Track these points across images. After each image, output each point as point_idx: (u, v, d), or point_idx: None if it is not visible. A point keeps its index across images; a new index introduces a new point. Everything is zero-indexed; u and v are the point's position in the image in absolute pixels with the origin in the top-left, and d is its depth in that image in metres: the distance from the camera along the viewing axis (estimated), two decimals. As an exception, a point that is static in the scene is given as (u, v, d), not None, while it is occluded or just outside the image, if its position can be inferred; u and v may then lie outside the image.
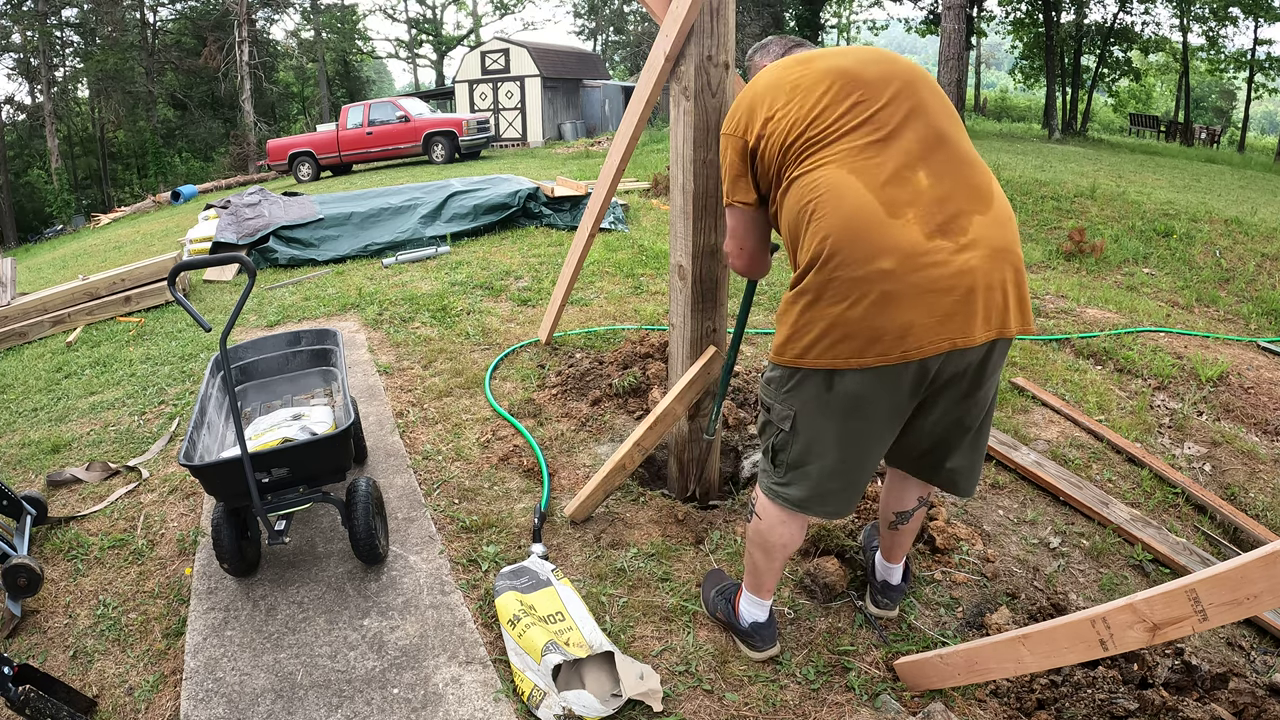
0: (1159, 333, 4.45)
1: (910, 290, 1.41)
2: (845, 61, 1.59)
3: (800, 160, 1.54)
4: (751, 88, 1.67)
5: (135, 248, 9.61)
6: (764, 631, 1.96)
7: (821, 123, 1.52)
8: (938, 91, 1.61)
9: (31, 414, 3.90)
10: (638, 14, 41.22)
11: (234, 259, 2.09)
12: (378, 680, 1.93)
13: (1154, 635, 1.31)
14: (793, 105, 1.56)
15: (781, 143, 1.56)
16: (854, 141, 1.49)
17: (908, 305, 1.42)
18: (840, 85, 1.54)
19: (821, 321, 1.49)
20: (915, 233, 1.42)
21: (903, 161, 1.46)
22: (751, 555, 1.89)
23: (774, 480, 1.75)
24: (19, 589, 2.25)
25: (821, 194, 1.47)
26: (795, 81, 1.59)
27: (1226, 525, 2.72)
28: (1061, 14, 23.87)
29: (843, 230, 1.44)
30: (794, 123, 1.55)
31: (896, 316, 1.42)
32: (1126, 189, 9.35)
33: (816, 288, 1.49)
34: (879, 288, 1.42)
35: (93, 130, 30.93)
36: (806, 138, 1.53)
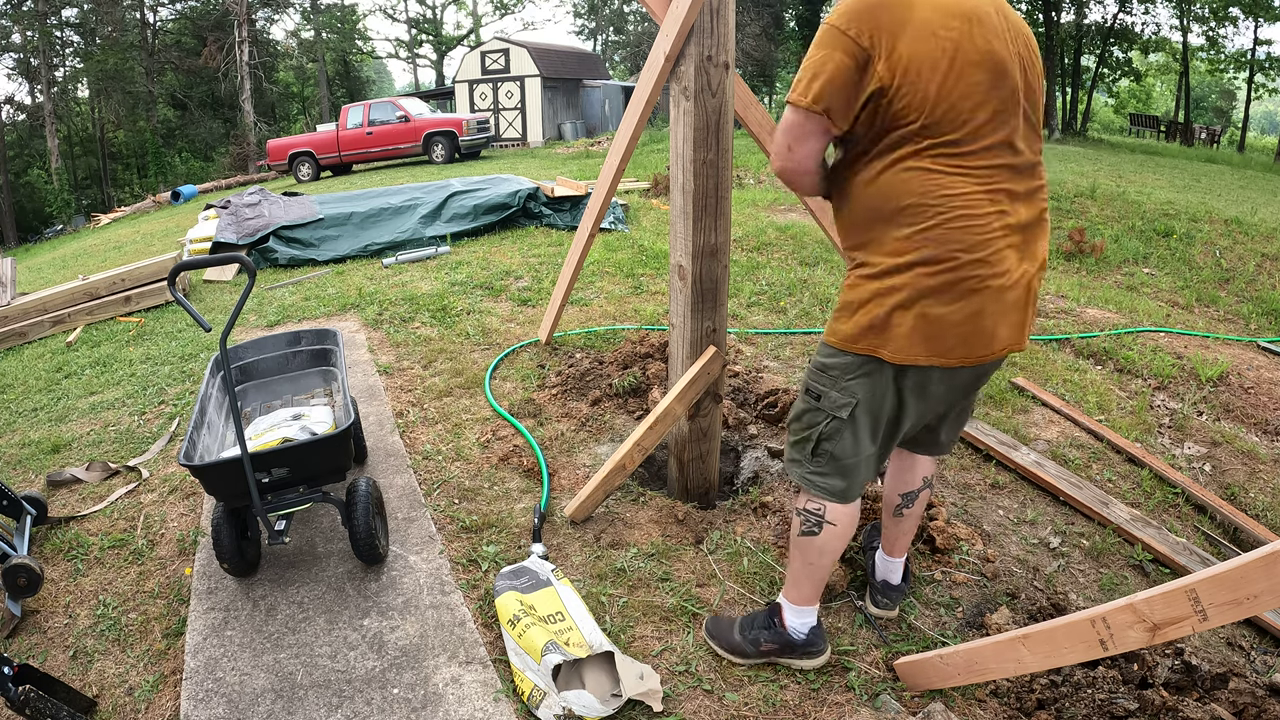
0: (1159, 333, 4.45)
1: (1002, 305, 1.53)
2: (995, 42, 1.49)
3: (935, 150, 1.47)
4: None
5: (135, 248, 9.61)
6: (820, 633, 1.92)
7: (970, 124, 1.47)
8: (1038, 73, 1.58)
9: (31, 414, 3.90)
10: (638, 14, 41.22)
11: (234, 259, 2.09)
12: (378, 680, 1.93)
13: (1154, 635, 1.31)
14: (946, 80, 1.44)
15: (920, 113, 1.46)
16: (992, 161, 1.50)
17: (998, 316, 1.54)
18: (991, 80, 1.48)
19: (918, 318, 1.52)
20: (1014, 258, 1.53)
21: (1014, 189, 1.53)
22: (818, 563, 1.82)
23: (812, 470, 1.74)
24: (19, 589, 2.25)
25: (954, 207, 1.48)
26: (955, 42, 1.45)
27: (1226, 525, 2.72)
28: (1061, 14, 23.87)
29: (965, 248, 1.49)
30: (944, 105, 1.45)
31: (988, 324, 1.53)
32: (1126, 189, 9.35)
33: (920, 287, 1.51)
34: (981, 299, 1.51)
35: (93, 130, 30.93)
36: (951, 137, 1.47)
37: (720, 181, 2.34)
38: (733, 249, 5.57)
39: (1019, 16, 1.59)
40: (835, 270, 5.43)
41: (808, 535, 1.80)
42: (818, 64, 1.49)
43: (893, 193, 1.52)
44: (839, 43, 1.46)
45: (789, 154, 1.59)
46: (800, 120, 1.53)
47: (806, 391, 1.74)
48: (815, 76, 1.48)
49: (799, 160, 1.59)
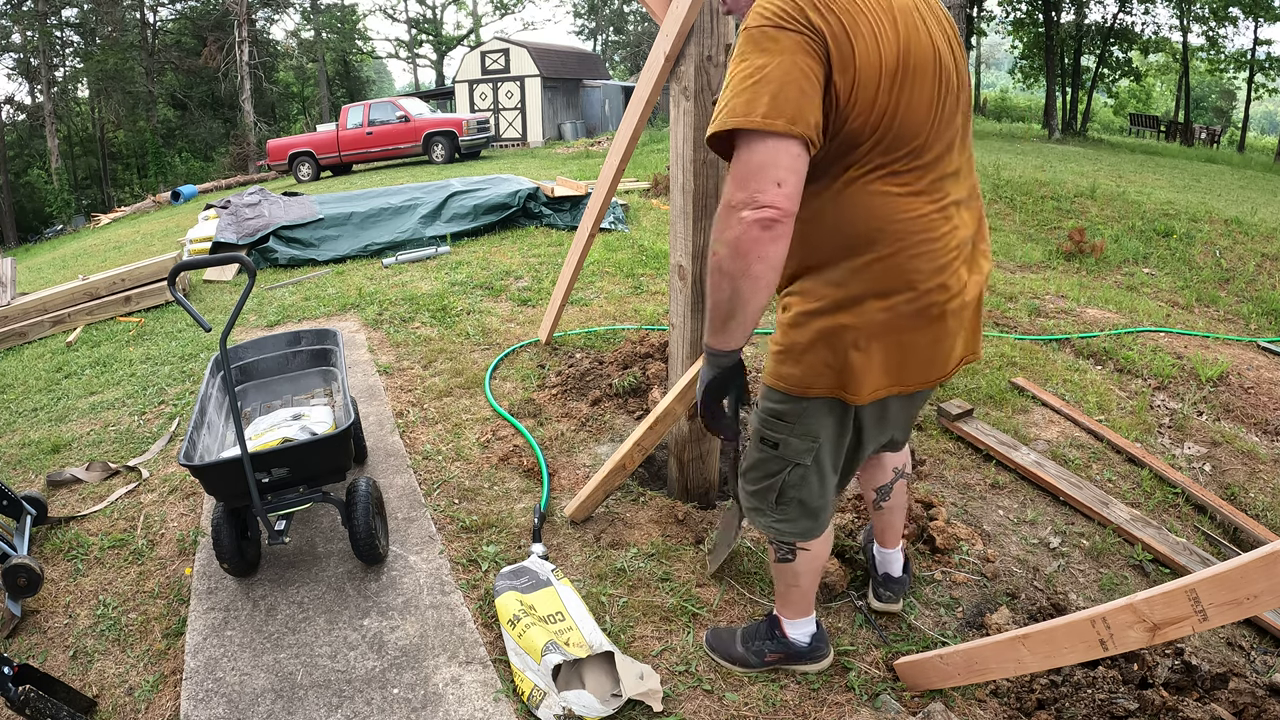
0: (1159, 333, 4.45)
1: (959, 322, 1.46)
2: (934, 32, 1.33)
3: (885, 170, 1.31)
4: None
5: (135, 248, 9.61)
6: (822, 637, 1.91)
7: (920, 135, 1.32)
8: (964, 54, 1.44)
9: (31, 414, 3.90)
10: (638, 14, 41.23)
11: (234, 259, 2.09)
12: (378, 680, 1.93)
13: (1154, 635, 1.31)
14: (902, 88, 1.26)
15: (873, 130, 1.27)
16: (941, 172, 1.37)
17: (956, 334, 1.47)
18: (935, 79, 1.31)
19: (878, 354, 1.41)
20: (965, 272, 1.44)
21: (959, 197, 1.43)
22: (799, 584, 1.77)
23: (779, 519, 1.63)
24: (19, 589, 2.25)
25: (912, 232, 1.34)
26: (902, 42, 1.26)
27: (1226, 525, 2.72)
28: (1061, 14, 23.87)
29: (924, 276, 1.38)
30: (896, 118, 1.28)
31: (947, 345, 1.46)
32: (1126, 189, 9.35)
33: (877, 321, 1.38)
34: (942, 324, 1.43)
35: (93, 130, 30.93)
36: (902, 153, 1.31)
37: (720, 181, 2.34)
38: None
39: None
40: (835, 270, 5.43)
41: (783, 562, 1.75)
42: (775, 72, 1.19)
43: (842, 221, 1.34)
44: (785, 40, 1.19)
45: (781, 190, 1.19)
46: (784, 149, 1.19)
47: (762, 440, 1.58)
48: (772, 87, 1.18)
49: (794, 195, 1.21)
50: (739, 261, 1.22)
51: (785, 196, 1.18)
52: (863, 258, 1.35)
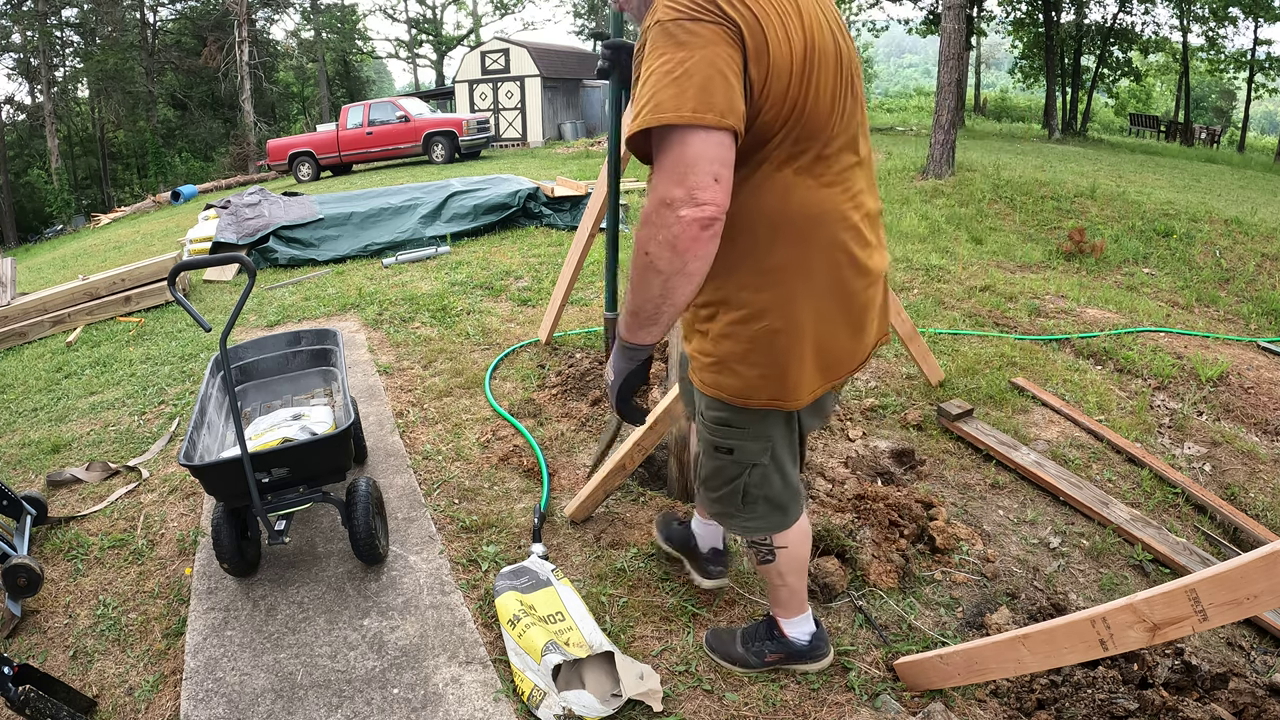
0: (1159, 333, 4.45)
1: (870, 317, 1.51)
2: (831, 24, 1.33)
3: (798, 157, 1.30)
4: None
5: (135, 248, 9.61)
6: (821, 635, 1.89)
7: (828, 126, 1.32)
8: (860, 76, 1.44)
9: (31, 414, 3.90)
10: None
11: (234, 259, 2.09)
12: (378, 680, 1.93)
13: (1154, 635, 1.31)
14: (814, 78, 1.26)
15: (785, 123, 1.26)
16: (848, 162, 1.38)
17: (872, 318, 1.52)
18: (836, 69, 1.31)
19: (811, 356, 1.42)
20: (879, 259, 1.48)
21: (864, 187, 1.43)
22: (785, 583, 1.77)
23: (749, 518, 1.64)
24: (19, 589, 2.25)
25: (829, 222, 1.35)
26: (810, 34, 1.25)
27: (1226, 525, 2.72)
28: (1061, 14, 23.87)
29: (844, 265, 1.39)
30: (806, 105, 1.26)
31: (865, 335, 1.52)
32: (1126, 189, 9.35)
33: (804, 321, 1.39)
34: (864, 313, 1.48)
35: (93, 130, 30.93)
36: (813, 144, 1.31)
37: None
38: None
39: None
40: (835, 270, 5.43)
41: (766, 564, 1.75)
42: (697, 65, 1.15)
43: (758, 215, 1.32)
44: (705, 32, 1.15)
45: (719, 185, 1.16)
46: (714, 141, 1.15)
47: (716, 450, 1.58)
48: (696, 80, 1.14)
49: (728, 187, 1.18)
50: (677, 260, 1.18)
51: (723, 192, 1.16)
52: (779, 251, 1.35)
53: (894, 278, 5.33)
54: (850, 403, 3.36)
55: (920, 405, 3.36)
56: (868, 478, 2.78)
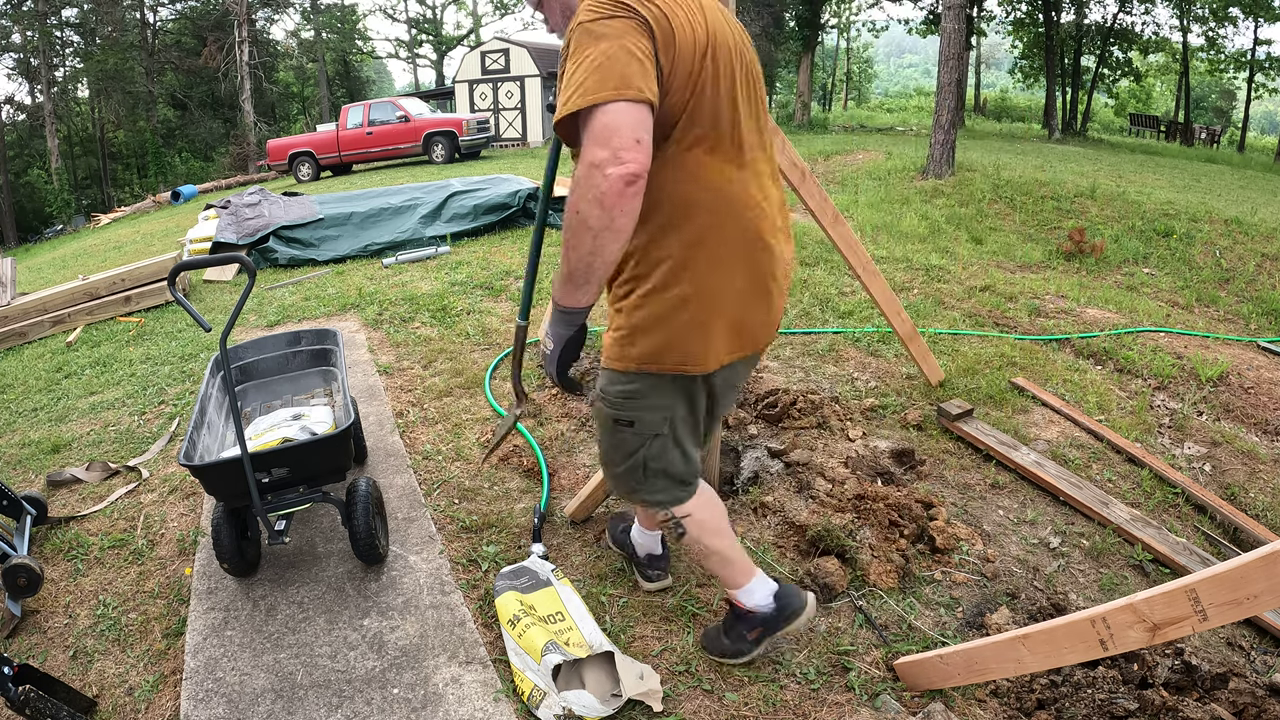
0: (1159, 333, 4.45)
1: (776, 292, 1.59)
2: (740, 40, 1.51)
3: (704, 140, 1.43)
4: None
5: (135, 248, 9.62)
6: (786, 592, 1.86)
7: (733, 112, 1.45)
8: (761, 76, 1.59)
9: (31, 414, 3.90)
10: (638, 14, 41.15)
11: (234, 259, 2.09)
12: (378, 680, 1.93)
13: (1154, 635, 1.31)
14: (715, 66, 1.40)
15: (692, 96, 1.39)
16: (750, 145, 1.50)
17: (779, 294, 1.60)
18: (744, 72, 1.48)
19: (719, 325, 1.51)
20: (783, 244, 1.59)
21: (766, 172, 1.56)
22: (713, 550, 1.79)
23: (650, 491, 1.69)
24: (19, 589, 2.25)
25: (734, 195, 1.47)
26: (712, 28, 1.41)
27: (1226, 525, 2.72)
28: (1061, 14, 23.87)
29: (751, 238, 1.50)
30: (708, 91, 1.40)
31: (770, 309, 1.60)
32: (1126, 189, 9.35)
33: (713, 291, 1.48)
34: (770, 285, 1.56)
35: (93, 130, 30.93)
36: (722, 122, 1.43)
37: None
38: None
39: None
40: (835, 270, 5.43)
41: (682, 537, 1.78)
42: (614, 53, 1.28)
43: (668, 191, 1.42)
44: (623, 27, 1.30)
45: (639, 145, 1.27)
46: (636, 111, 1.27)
47: (616, 423, 1.63)
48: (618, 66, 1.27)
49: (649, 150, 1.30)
50: (605, 215, 1.27)
51: (644, 153, 1.27)
52: (691, 224, 1.45)
53: (894, 278, 5.34)
54: (850, 403, 3.36)
55: (920, 405, 3.36)
56: (868, 478, 2.79)
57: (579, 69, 1.29)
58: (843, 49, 43.27)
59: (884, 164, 11.35)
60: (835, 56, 43.50)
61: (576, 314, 1.43)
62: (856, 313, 4.48)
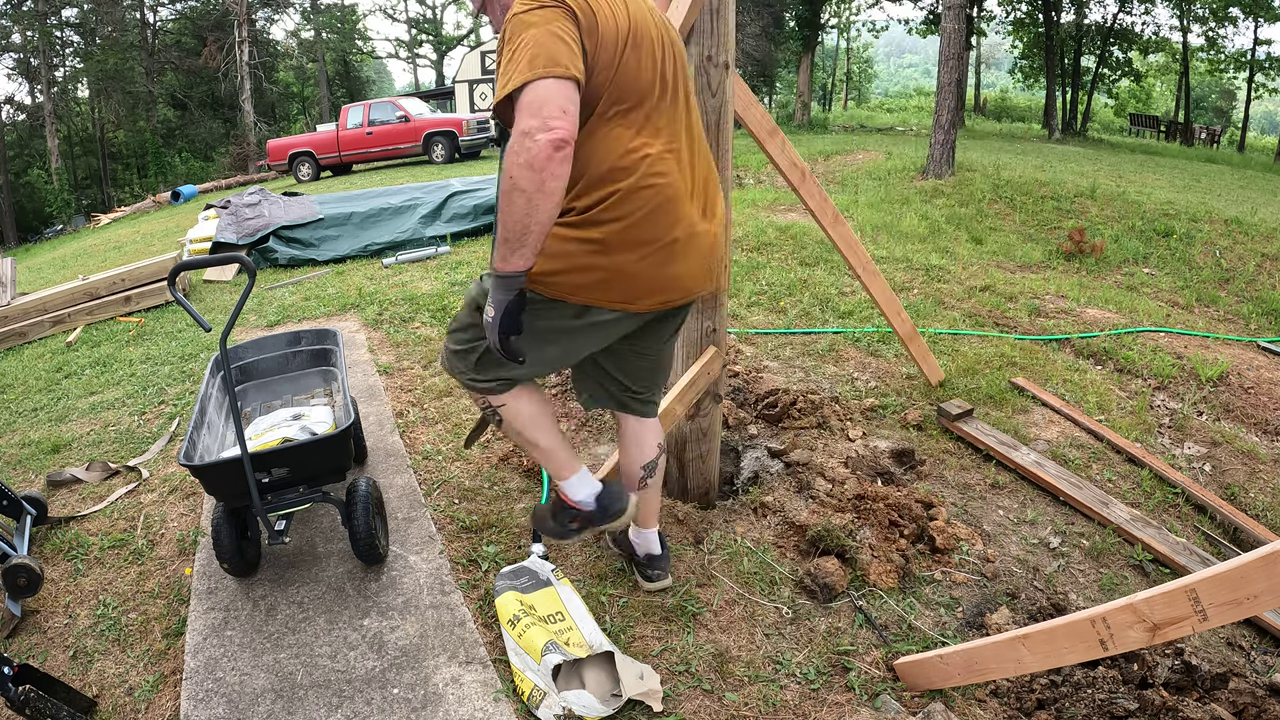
0: (1159, 333, 4.45)
1: (683, 256, 1.66)
2: (663, 32, 1.66)
3: (626, 115, 1.58)
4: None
5: (135, 248, 9.62)
6: (609, 493, 1.95)
7: (652, 93, 1.61)
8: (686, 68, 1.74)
9: (31, 414, 3.90)
10: (638, 14, 41.14)
11: (234, 259, 2.09)
12: (378, 680, 1.93)
13: (1154, 635, 1.31)
14: (637, 52, 1.57)
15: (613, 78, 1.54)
16: (668, 123, 1.65)
17: (678, 266, 1.67)
18: (664, 59, 1.63)
19: (607, 269, 1.61)
20: (695, 212, 1.68)
21: (686, 149, 1.68)
22: (533, 446, 1.90)
23: (473, 375, 1.82)
24: (19, 589, 2.25)
25: (651, 164, 1.59)
26: (634, 17, 1.58)
27: (1226, 525, 2.72)
28: (1061, 14, 23.86)
29: (661, 202, 1.60)
30: (631, 73, 1.56)
31: (669, 274, 1.66)
32: (1126, 189, 9.35)
33: (613, 240, 1.59)
34: (666, 252, 1.64)
35: (93, 130, 30.91)
36: (644, 106, 1.59)
37: (720, 181, 2.34)
38: (733, 249, 5.57)
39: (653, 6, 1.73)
40: (835, 270, 5.43)
41: (499, 424, 1.88)
42: (546, 36, 1.43)
43: (589, 159, 1.57)
44: (553, 15, 1.46)
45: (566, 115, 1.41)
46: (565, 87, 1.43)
47: (479, 308, 1.75)
48: (547, 47, 1.42)
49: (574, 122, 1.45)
50: (535, 178, 1.38)
51: (571, 121, 1.40)
52: (606, 189, 1.58)
53: (894, 278, 5.34)
54: (850, 403, 3.36)
55: (920, 405, 3.36)
56: (868, 478, 2.79)
57: (513, 55, 1.43)
58: (843, 49, 43.27)
59: (884, 164, 11.35)
60: (835, 56, 43.50)
61: (514, 278, 1.51)
62: (856, 313, 4.48)
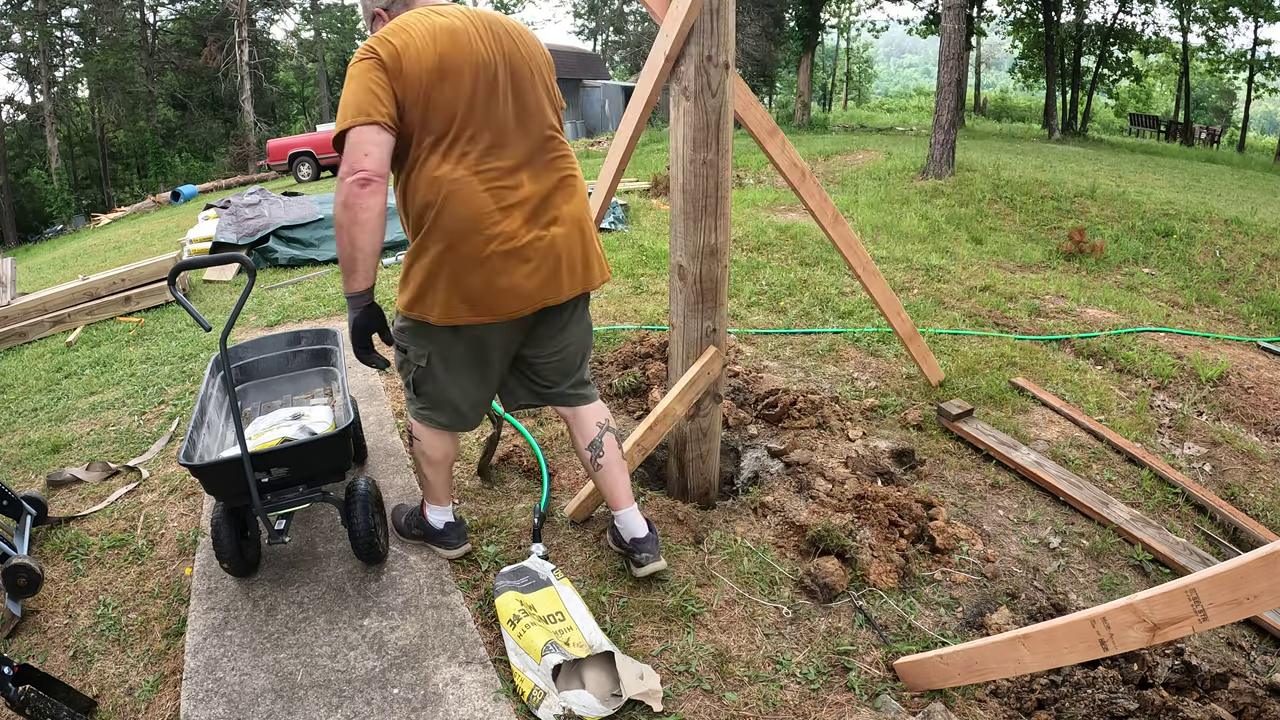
0: (1159, 333, 4.45)
1: (511, 268, 1.84)
2: (480, 48, 1.80)
3: (438, 145, 1.78)
4: (405, 28, 1.76)
5: (135, 248, 9.62)
6: (456, 530, 2.33)
7: (466, 123, 1.78)
8: (541, 73, 1.91)
9: (31, 414, 3.90)
10: (638, 14, 41.22)
11: (234, 259, 2.09)
12: (378, 680, 1.93)
13: (1154, 635, 1.31)
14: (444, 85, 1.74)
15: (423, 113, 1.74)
16: (488, 146, 1.81)
17: (512, 276, 1.85)
18: (481, 80, 1.79)
19: (446, 287, 1.84)
20: (518, 223, 1.84)
21: (512, 166, 1.85)
22: (423, 472, 2.24)
23: (420, 407, 2.12)
24: (19, 589, 2.25)
25: (453, 190, 1.79)
26: (444, 54, 1.74)
27: (1226, 525, 2.72)
28: (1061, 14, 23.86)
29: (467, 222, 1.80)
30: (439, 105, 1.75)
31: (505, 284, 1.85)
32: (1126, 189, 9.35)
33: (441, 262, 1.82)
34: (490, 266, 1.83)
35: (93, 130, 30.90)
36: (451, 133, 1.78)
37: (720, 181, 2.34)
38: (733, 249, 5.57)
39: (512, 22, 1.93)
40: (835, 270, 5.43)
41: (409, 446, 2.27)
42: (368, 86, 1.70)
43: (412, 191, 1.83)
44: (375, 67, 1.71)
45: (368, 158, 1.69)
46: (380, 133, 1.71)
47: (397, 348, 2.06)
48: (367, 96, 1.69)
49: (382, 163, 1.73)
50: (349, 214, 1.70)
51: (374, 161, 1.68)
52: (427, 216, 1.82)
53: (894, 278, 5.34)
54: (850, 403, 3.36)
55: (920, 405, 3.36)
56: (868, 478, 2.79)
57: (343, 99, 1.74)
58: (843, 49, 43.26)
59: (884, 164, 11.35)
60: (835, 56, 43.50)
61: (357, 298, 1.84)
62: (856, 313, 4.48)
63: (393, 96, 1.71)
